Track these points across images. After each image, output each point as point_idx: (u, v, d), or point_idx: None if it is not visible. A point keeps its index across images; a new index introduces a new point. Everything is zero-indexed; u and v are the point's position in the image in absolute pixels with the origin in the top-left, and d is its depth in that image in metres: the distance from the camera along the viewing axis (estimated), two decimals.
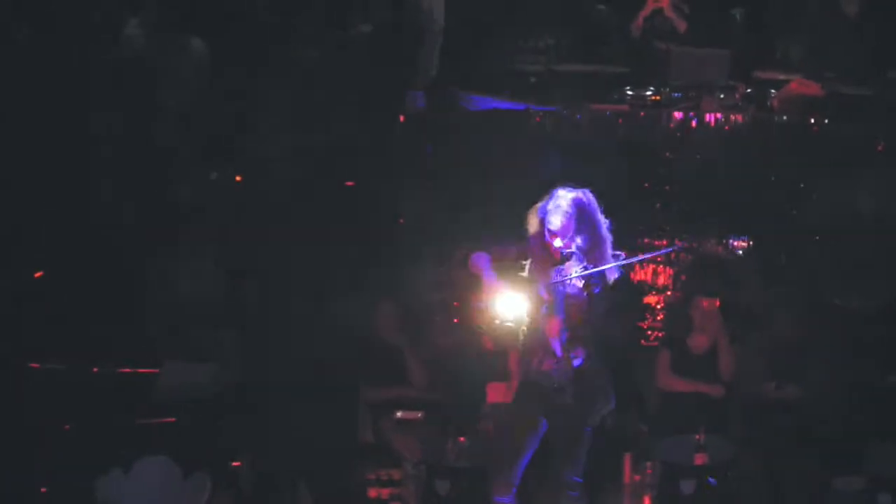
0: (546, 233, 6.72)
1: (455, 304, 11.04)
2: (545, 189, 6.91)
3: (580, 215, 6.70)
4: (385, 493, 9.49)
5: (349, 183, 11.34)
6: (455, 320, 11.01)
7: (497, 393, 9.61)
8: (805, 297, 10.29)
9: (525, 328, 7.01)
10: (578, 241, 6.76)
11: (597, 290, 6.70)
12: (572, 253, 6.78)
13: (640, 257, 6.68)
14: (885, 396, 9.88)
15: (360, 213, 10.99)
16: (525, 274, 6.91)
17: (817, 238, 10.66)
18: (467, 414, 9.82)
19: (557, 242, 6.69)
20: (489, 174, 10.77)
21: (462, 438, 9.49)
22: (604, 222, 6.84)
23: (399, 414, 10.04)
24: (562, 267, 6.82)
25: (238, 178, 11.18)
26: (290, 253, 10.55)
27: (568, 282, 6.73)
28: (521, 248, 6.96)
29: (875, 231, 10.47)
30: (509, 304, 8.08)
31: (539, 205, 6.82)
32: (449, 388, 10.15)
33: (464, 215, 10.55)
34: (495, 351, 9.83)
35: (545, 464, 7.02)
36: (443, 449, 9.50)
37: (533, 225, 6.84)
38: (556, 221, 6.65)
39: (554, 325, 6.83)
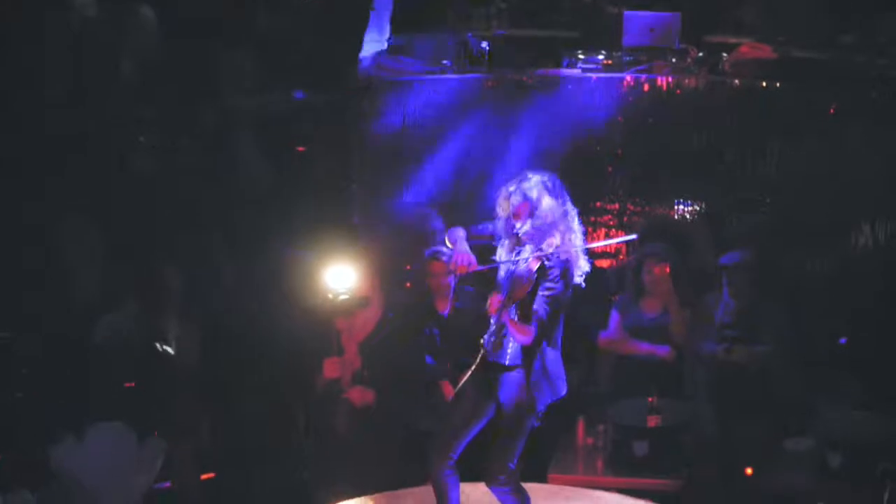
0: (509, 214, 6.68)
1: (407, 266, 10.98)
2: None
3: (540, 201, 6.63)
4: None
5: (300, 148, 11.25)
6: (407, 285, 10.94)
7: None
8: (756, 260, 10.24)
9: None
10: (537, 223, 6.68)
11: (551, 276, 6.62)
12: (530, 234, 6.70)
13: (595, 244, 6.58)
14: (835, 358, 9.86)
15: (312, 178, 10.88)
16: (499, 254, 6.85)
17: (768, 201, 10.58)
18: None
19: (517, 226, 6.63)
20: (438, 140, 10.69)
21: None
22: (566, 207, 6.78)
23: None
24: (521, 248, 6.77)
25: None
26: (241, 217, 10.45)
27: (520, 263, 6.66)
28: (496, 230, 6.92)
29: (826, 194, 10.40)
30: (339, 278, 8.06)
31: (508, 185, 6.78)
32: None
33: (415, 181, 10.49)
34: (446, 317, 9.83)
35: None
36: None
37: (501, 206, 6.79)
38: (515, 201, 6.60)
39: (493, 302, 6.77)
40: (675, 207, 10.96)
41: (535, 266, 6.64)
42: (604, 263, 10.97)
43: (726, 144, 10.74)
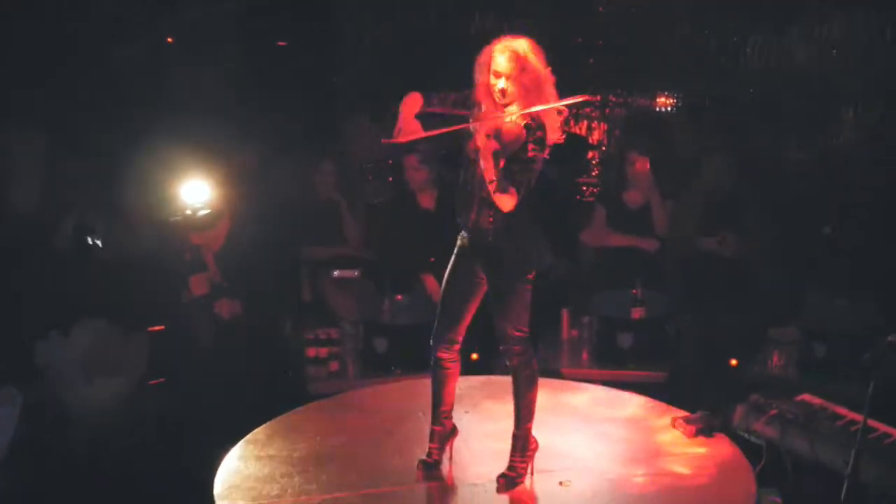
0: (490, 75, 6.46)
1: (388, 162, 10.89)
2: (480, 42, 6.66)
3: (526, 59, 6.43)
4: (323, 352, 9.35)
5: (281, 43, 11.09)
6: (389, 179, 10.84)
7: None
8: (737, 150, 10.16)
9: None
10: (524, 80, 6.48)
11: (535, 139, 6.42)
12: (517, 92, 6.50)
13: (568, 101, 6.34)
14: (819, 248, 9.80)
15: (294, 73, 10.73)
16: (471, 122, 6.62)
17: (751, 91, 10.48)
18: (404, 272, 9.65)
19: (500, 84, 6.42)
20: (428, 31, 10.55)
21: (399, 296, 9.42)
22: (548, 72, 6.58)
23: (336, 273, 9.92)
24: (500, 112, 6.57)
25: (169, 40, 10.83)
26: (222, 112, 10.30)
27: (506, 119, 6.46)
28: (461, 95, 6.69)
29: (811, 80, 10.31)
30: (195, 193, 7.90)
31: (486, 48, 6.55)
32: (385, 246, 9.98)
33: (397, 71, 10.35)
34: (433, 210, 9.76)
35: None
36: (379, 307, 9.41)
37: (479, 69, 6.58)
38: (501, 61, 6.39)
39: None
40: (657, 98, 10.83)
41: (522, 124, 6.45)
42: (588, 155, 10.91)
43: (706, 34, 10.60)
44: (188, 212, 8.02)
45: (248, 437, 7.25)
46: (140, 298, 8.68)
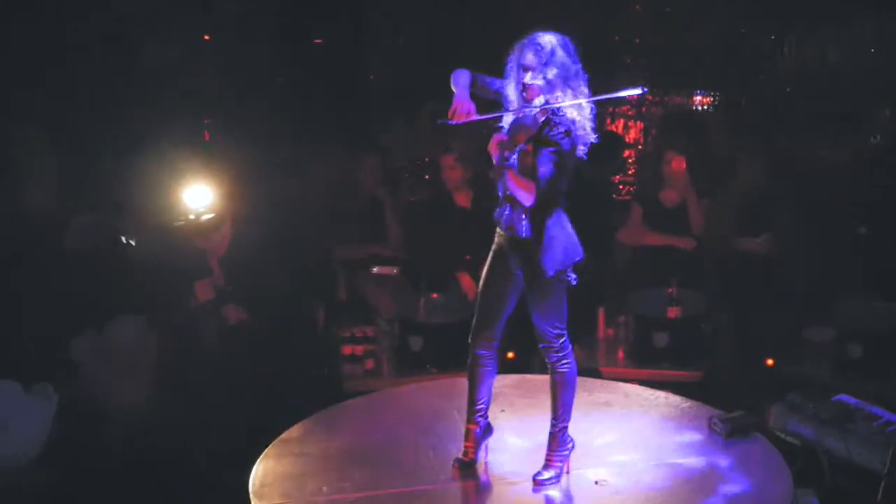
0: (519, 69, 6.43)
1: (425, 160, 10.87)
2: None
3: (553, 53, 6.40)
4: (359, 349, 9.36)
5: (318, 41, 11.11)
6: (426, 177, 10.83)
7: None
8: (773, 150, 10.14)
9: None
10: (549, 75, 6.45)
11: (556, 133, 6.38)
12: (540, 87, 6.47)
13: (604, 97, 6.32)
14: (855, 248, 9.74)
15: (331, 70, 10.73)
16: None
17: (787, 90, 10.44)
18: (440, 271, 9.62)
19: (528, 77, 6.39)
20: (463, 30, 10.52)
21: (435, 295, 9.41)
22: (579, 68, 6.54)
23: (375, 269, 9.92)
24: (529, 104, 6.53)
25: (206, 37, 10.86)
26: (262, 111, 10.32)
27: (528, 111, 6.42)
28: (503, 87, 6.67)
29: (844, 81, 10.28)
30: (198, 198, 7.85)
31: (517, 43, 6.53)
32: (421, 245, 9.95)
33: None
34: (469, 209, 9.74)
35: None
36: (415, 305, 9.40)
37: (511, 63, 6.56)
38: (528, 55, 6.36)
39: (493, 143, 6.51)
40: (693, 97, 10.80)
41: (542, 118, 6.43)
42: (624, 154, 10.89)
43: (743, 35, 10.58)
44: (192, 216, 7.98)
45: (283, 435, 7.24)
46: (161, 298, 8.64)
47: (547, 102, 6.35)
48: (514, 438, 7.12)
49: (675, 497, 6.61)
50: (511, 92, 6.49)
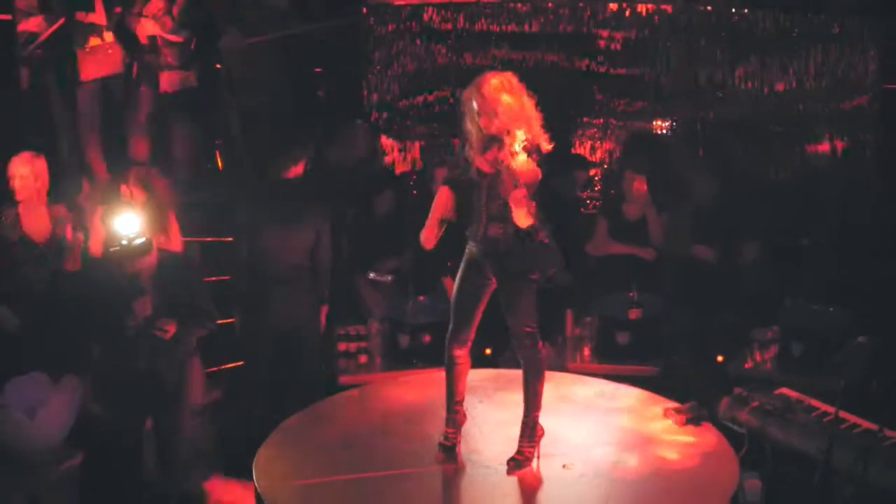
0: (479, 111, 6.36)
1: (414, 176, 10.86)
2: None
3: (507, 90, 6.36)
4: (353, 346, 9.34)
5: (318, 69, 11.11)
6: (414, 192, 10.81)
7: None
8: (725, 169, 10.16)
9: None
10: (512, 113, 6.41)
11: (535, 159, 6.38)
12: (504, 125, 6.43)
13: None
14: (797, 257, 9.77)
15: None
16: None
17: (738, 116, 10.47)
18: (426, 275, 9.62)
19: (488, 116, 6.34)
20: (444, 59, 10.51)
21: (421, 297, 9.41)
22: (528, 98, 6.49)
23: (371, 275, 9.87)
24: (492, 144, 6.45)
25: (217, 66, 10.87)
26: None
27: (516, 152, 6.40)
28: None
29: (790, 107, 10.32)
30: (128, 224, 7.78)
31: (468, 89, 6.45)
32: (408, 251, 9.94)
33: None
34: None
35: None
36: (403, 306, 9.40)
37: (466, 105, 6.46)
38: (487, 96, 6.31)
39: (516, 195, 6.48)
40: (654, 122, 10.81)
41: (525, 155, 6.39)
42: (589, 172, 10.89)
43: (699, 64, 10.58)
44: (124, 242, 7.87)
45: (284, 424, 7.25)
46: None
47: (524, 137, 6.34)
48: (491, 426, 7.14)
49: (633, 480, 6.64)
50: (472, 130, 6.45)
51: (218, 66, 10.88)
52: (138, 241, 7.76)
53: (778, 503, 6.83)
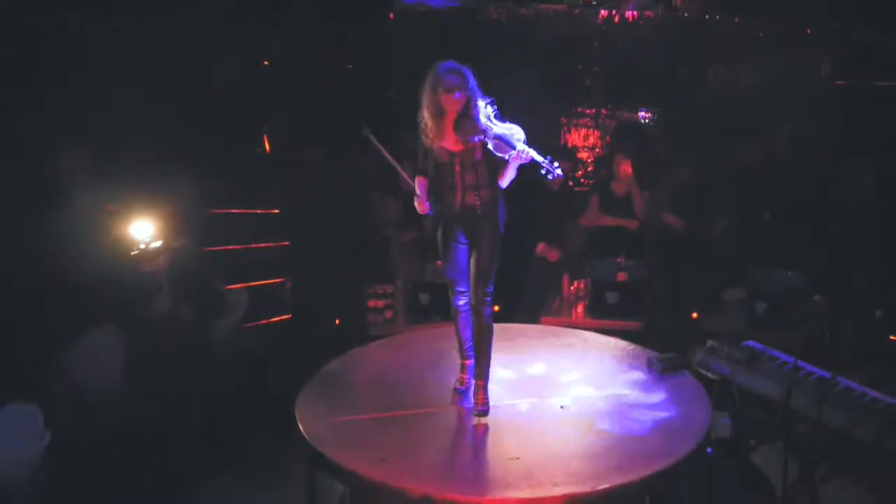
0: (445, 93, 6.26)
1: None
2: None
3: (466, 77, 6.29)
4: (381, 303, 9.36)
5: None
6: None
7: None
8: (701, 152, 10.10)
9: None
10: (472, 105, 6.33)
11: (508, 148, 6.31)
12: (474, 116, 6.35)
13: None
14: (761, 227, 9.72)
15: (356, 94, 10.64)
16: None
17: (712, 107, 10.41)
18: None
19: (455, 110, 6.27)
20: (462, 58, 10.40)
21: (438, 262, 9.38)
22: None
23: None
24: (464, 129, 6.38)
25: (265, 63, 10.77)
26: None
27: (487, 139, 6.33)
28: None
29: (757, 101, 10.24)
30: (144, 230, 7.68)
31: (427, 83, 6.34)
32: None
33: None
34: None
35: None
36: (424, 269, 9.37)
37: (431, 90, 6.33)
38: (453, 82, 6.23)
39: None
40: (639, 113, 10.75)
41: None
42: (584, 155, 10.83)
43: (678, 63, 10.51)
44: (142, 246, 7.81)
45: (322, 369, 7.24)
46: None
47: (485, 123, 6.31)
48: (501, 370, 7.12)
49: (620, 418, 6.62)
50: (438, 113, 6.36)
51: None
52: (154, 244, 7.71)
53: (745, 438, 6.80)
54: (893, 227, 9.17)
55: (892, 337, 8.83)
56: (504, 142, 6.28)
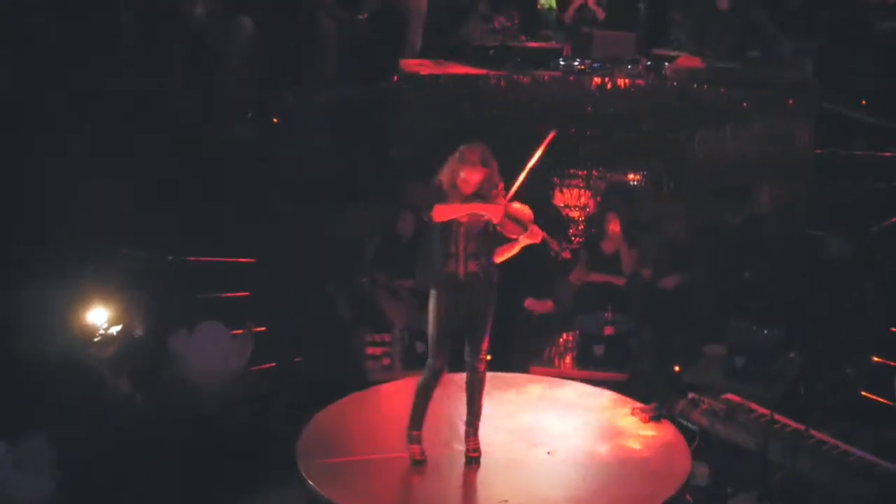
0: (472, 172, 6.44)
1: None
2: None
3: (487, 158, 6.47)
4: (379, 351, 9.40)
5: None
6: None
7: None
8: (686, 213, 10.22)
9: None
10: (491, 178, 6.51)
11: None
12: (486, 186, 6.52)
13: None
14: (742, 286, 9.81)
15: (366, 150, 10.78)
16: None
17: (698, 170, 10.53)
18: None
19: (478, 180, 6.44)
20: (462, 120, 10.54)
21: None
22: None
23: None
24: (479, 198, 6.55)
25: (275, 120, 10.92)
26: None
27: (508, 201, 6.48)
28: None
29: (740, 165, 10.41)
30: (100, 317, 7.76)
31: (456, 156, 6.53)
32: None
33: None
34: None
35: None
36: (420, 318, 9.43)
37: (459, 167, 6.45)
38: (480, 162, 6.42)
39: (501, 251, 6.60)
40: (628, 174, 10.86)
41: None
42: (573, 214, 10.92)
43: (666, 129, 10.64)
44: (102, 332, 7.87)
45: (322, 411, 7.32)
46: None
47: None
48: (492, 418, 7.21)
49: (604, 464, 6.71)
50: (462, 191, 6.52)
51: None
52: (113, 329, 7.77)
53: (722, 486, 6.88)
54: (865, 288, 9.31)
55: (863, 393, 8.95)
56: (520, 222, 6.44)
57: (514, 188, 6.50)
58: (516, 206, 6.51)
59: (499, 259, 6.57)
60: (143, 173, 9.48)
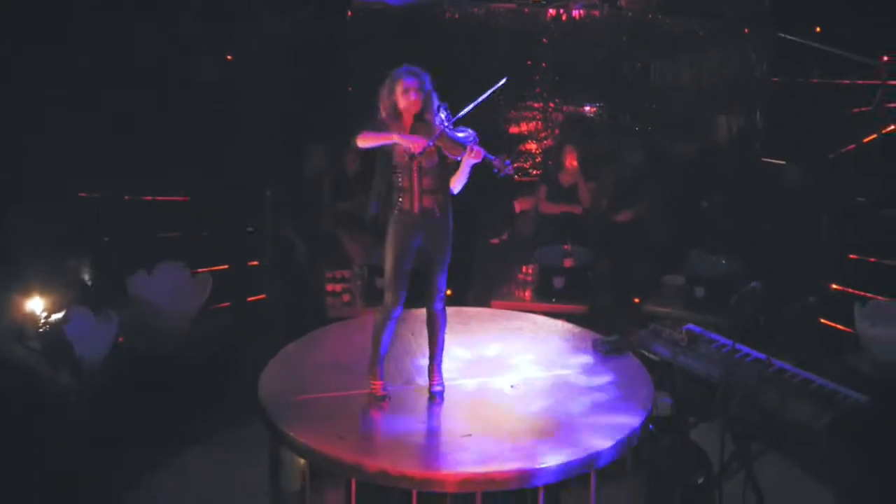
0: (407, 94, 6.18)
1: None
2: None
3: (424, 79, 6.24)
4: (339, 287, 9.29)
5: None
6: None
7: None
8: (642, 144, 10.12)
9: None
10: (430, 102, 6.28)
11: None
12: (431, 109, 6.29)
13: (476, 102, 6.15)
14: (700, 215, 9.77)
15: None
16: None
17: (654, 106, 10.43)
18: None
19: (415, 97, 6.19)
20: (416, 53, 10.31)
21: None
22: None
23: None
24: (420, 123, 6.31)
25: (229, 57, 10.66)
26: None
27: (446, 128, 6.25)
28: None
29: (696, 95, 10.36)
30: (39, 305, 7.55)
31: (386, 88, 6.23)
32: None
33: None
34: None
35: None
36: (379, 253, 9.31)
37: (391, 91, 6.18)
38: (412, 83, 6.16)
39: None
40: (584, 106, 10.73)
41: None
42: (532, 146, 10.80)
43: (622, 60, 10.50)
44: (43, 320, 7.62)
45: (284, 349, 7.20)
46: None
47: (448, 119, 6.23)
48: (454, 350, 7.09)
49: (568, 397, 6.64)
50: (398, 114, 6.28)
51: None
52: (56, 316, 7.59)
53: (684, 416, 6.83)
54: (823, 216, 9.30)
55: (823, 320, 8.96)
56: (457, 142, 6.20)
57: (455, 118, 6.22)
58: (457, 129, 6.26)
59: (455, 188, 6.33)
60: (99, 109, 9.27)
